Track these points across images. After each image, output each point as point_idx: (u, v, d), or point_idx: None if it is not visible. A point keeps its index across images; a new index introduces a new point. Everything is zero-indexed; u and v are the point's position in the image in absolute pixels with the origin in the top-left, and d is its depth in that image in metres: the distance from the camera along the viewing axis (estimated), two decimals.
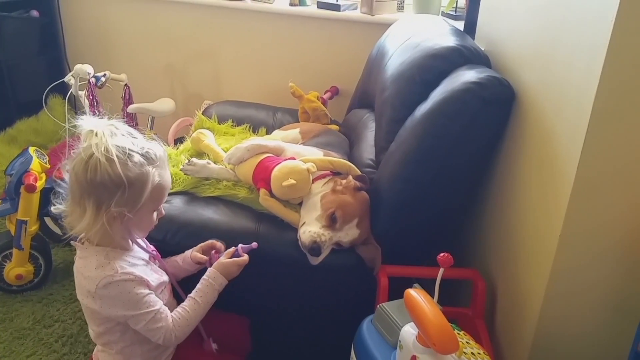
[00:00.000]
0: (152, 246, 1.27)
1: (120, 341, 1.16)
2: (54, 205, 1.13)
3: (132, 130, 1.12)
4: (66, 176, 1.10)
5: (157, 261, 1.25)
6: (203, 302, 1.20)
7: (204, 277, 1.22)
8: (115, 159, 1.04)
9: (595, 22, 0.95)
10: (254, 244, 1.30)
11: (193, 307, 1.18)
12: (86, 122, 1.08)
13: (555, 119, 1.11)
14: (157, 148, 1.13)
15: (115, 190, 1.05)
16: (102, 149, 1.04)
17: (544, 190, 1.14)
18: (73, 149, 1.09)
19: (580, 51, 1.01)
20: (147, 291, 1.12)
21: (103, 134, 1.06)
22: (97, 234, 1.09)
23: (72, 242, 1.15)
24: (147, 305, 1.11)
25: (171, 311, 1.17)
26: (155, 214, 1.18)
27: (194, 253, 1.31)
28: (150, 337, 1.14)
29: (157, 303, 1.14)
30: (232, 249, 1.28)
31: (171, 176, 1.21)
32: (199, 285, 1.22)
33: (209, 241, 1.32)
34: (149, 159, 1.09)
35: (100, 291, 1.08)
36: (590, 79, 0.95)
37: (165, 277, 1.22)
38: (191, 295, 1.21)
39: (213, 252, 1.30)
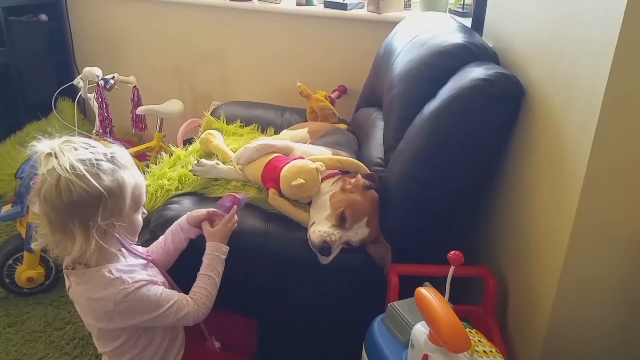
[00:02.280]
0: (145, 252, 1.24)
1: (133, 349, 1.16)
2: (35, 241, 1.08)
3: (88, 140, 1.08)
4: (36, 209, 1.04)
5: (153, 266, 1.23)
6: (216, 275, 1.25)
7: (208, 252, 1.27)
8: (85, 173, 0.99)
9: (604, 17, 0.94)
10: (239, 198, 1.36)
11: (208, 282, 1.23)
12: (41, 146, 1.02)
13: (564, 115, 1.10)
14: (120, 151, 1.10)
15: (97, 204, 1.01)
16: (68, 167, 0.99)
17: (554, 187, 1.13)
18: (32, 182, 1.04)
19: (589, 47, 1.00)
20: (160, 288, 1.14)
21: (61, 152, 1.01)
22: (93, 255, 1.05)
23: (64, 270, 1.12)
24: (168, 300, 1.13)
25: None
26: (139, 214, 1.15)
27: (193, 213, 1.33)
28: (180, 325, 1.18)
29: (174, 294, 1.16)
30: (218, 212, 1.33)
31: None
32: (207, 261, 1.26)
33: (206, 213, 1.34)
34: (116, 163, 1.06)
35: (119, 306, 1.06)
36: (599, 74, 0.94)
37: (160, 279, 1.21)
38: (202, 272, 1.25)
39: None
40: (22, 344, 1.75)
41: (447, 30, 1.66)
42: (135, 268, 1.14)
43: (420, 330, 1.00)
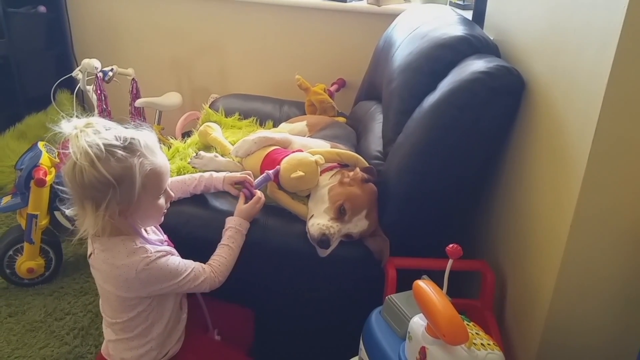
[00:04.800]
0: (165, 236, 1.28)
1: (143, 322, 1.18)
2: (68, 208, 1.12)
3: (111, 123, 1.10)
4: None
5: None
6: (235, 247, 1.31)
7: (230, 225, 1.33)
8: (95, 159, 1.02)
9: (606, 9, 0.94)
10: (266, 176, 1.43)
11: (228, 252, 1.29)
12: (65, 127, 1.07)
13: (565, 108, 1.09)
14: (143, 135, 1.11)
15: (106, 190, 1.04)
16: (82, 152, 1.03)
17: (554, 180, 1.13)
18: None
19: (591, 39, 0.99)
20: (178, 258, 1.18)
21: (77, 137, 1.04)
22: (105, 230, 1.10)
23: (91, 237, 1.15)
24: (185, 269, 1.18)
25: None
26: (161, 199, 1.16)
27: (228, 184, 1.42)
28: (197, 291, 1.25)
29: (190, 263, 1.21)
30: (245, 192, 1.39)
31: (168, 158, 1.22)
32: (228, 233, 1.32)
33: (241, 176, 1.43)
34: (132, 150, 1.07)
35: (142, 274, 1.10)
36: (601, 67, 0.94)
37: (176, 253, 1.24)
38: (223, 243, 1.31)
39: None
40: (22, 334, 1.75)
41: (448, 23, 1.65)
42: (156, 243, 1.19)
43: (418, 322, 1.00)
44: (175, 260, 1.17)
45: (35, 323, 1.80)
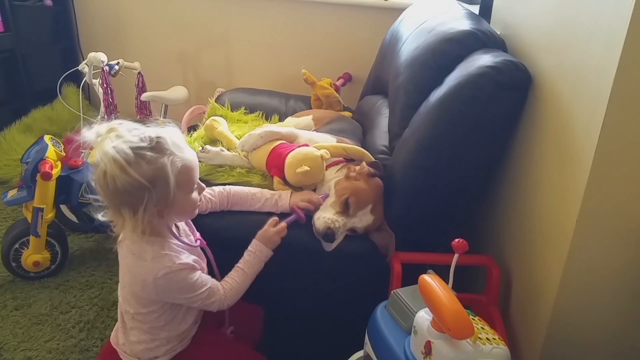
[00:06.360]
0: (198, 234, 1.28)
1: (155, 321, 1.19)
2: (101, 215, 1.12)
3: (134, 124, 1.09)
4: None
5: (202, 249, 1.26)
6: (250, 272, 1.28)
7: (249, 249, 1.30)
8: (125, 164, 1.01)
9: (614, 4, 0.93)
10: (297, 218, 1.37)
11: (241, 277, 1.27)
12: (87, 135, 1.06)
13: (572, 103, 1.09)
14: (168, 133, 1.10)
15: (141, 194, 1.03)
16: (110, 159, 1.01)
17: (560, 175, 1.12)
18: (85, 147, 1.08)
19: (599, 33, 0.98)
20: (198, 274, 1.17)
21: (104, 144, 1.03)
22: (145, 232, 1.09)
23: None
24: (201, 286, 1.17)
25: None
26: (195, 193, 1.16)
27: (294, 206, 1.39)
28: (206, 309, 1.23)
29: (208, 281, 1.20)
30: (273, 220, 1.33)
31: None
32: (247, 257, 1.29)
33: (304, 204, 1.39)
34: (161, 149, 1.06)
35: (159, 281, 1.10)
36: (608, 61, 0.93)
37: (202, 264, 1.23)
38: (239, 266, 1.28)
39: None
40: (29, 327, 1.76)
41: (455, 17, 1.64)
42: (184, 250, 1.18)
43: (423, 317, 1.00)
44: (195, 275, 1.15)
45: (41, 316, 1.81)
